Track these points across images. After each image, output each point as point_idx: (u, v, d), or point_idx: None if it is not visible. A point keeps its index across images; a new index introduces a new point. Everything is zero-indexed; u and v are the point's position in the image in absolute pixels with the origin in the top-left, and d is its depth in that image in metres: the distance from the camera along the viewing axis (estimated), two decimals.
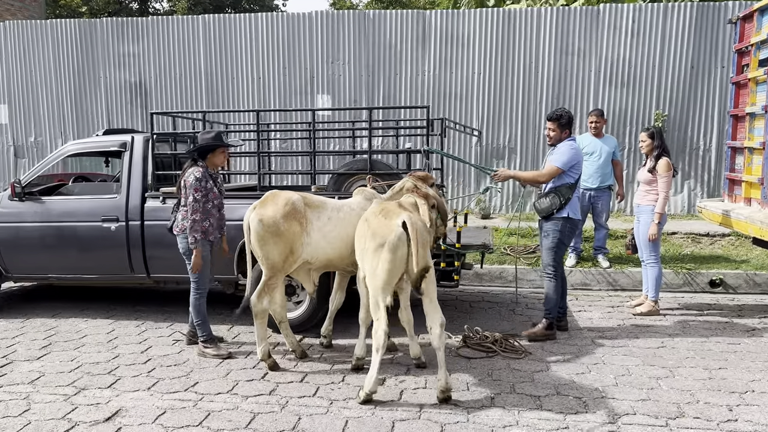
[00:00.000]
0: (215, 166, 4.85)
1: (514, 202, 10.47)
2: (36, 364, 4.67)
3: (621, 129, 10.06)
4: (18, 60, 11.31)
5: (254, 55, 10.76)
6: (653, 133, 5.91)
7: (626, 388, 4.13)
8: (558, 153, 5.07)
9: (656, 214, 5.78)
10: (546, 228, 5.17)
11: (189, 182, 4.60)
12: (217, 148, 4.73)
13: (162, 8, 30.44)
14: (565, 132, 5.16)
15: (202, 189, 4.62)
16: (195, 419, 3.69)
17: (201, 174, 4.64)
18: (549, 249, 5.16)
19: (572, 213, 5.13)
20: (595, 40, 9.98)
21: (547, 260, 5.20)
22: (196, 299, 4.82)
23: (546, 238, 5.17)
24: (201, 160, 4.73)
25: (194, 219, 4.59)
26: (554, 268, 5.18)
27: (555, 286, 5.19)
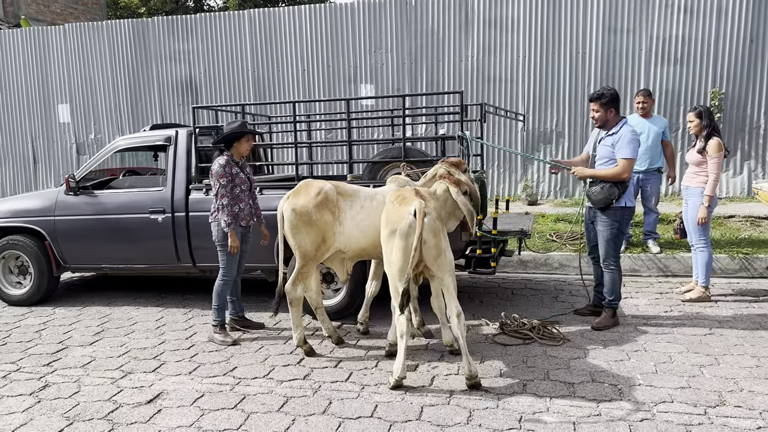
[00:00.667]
0: (241, 154, 4.98)
1: (562, 187, 10.24)
2: (88, 349, 4.93)
3: (674, 109, 9.67)
4: (78, 61, 11.87)
5: (299, 47, 10.90)
6: (701, 112, 5.66)
7: (666, 376, 4.01)
8: (624, 143, 4.79)
9: (706, 196, 5.55)
10: (603, 219, 4.95)
11: (214, 170, 4.80)
12: (242, 136, 4.87)
13: (216, 5, 31.18)
14: (611, 111, 4.92)
15: (227, 175, 4.78)
16: (230, 402, 3.82)
17: (225, 161, 4.81)
18: (609, 241, 4.95)
19: (629, 201, 4.97)
20: (646, 18, 9.60)
21: (608, 252, 4.98)
22: (219, 285, 4.98)
23: (604, 229, 4.95)
24: (227, 150, 4.89)
25: (222, 204, 4.77)
26: (615, 259, 5.00)
27: (618, 276, 5.03)
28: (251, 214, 5.04)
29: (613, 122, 4.95)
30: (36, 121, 12.17)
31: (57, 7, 20.54)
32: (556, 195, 10.27)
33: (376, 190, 4.66)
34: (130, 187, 6.31)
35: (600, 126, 5.03)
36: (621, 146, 4.81)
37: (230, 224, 4.79)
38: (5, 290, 6.35)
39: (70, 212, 6.10)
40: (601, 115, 4.95)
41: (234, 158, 4.94)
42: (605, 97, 4.91)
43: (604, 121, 4.96)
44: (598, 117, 4.96)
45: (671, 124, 9.60)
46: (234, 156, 4.94)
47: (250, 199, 5.03)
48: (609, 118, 4.94)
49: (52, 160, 12.19)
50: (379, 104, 10.20)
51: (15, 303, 6.32)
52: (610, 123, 4.96)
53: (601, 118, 4.95)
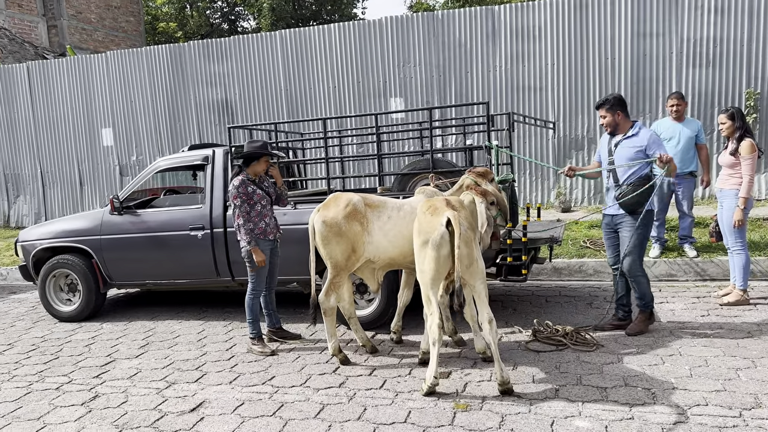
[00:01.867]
0: (256, 173, 5.16)
1: (596, 194, 10.17)
2: (135, 361, 5.15)
3: (707, 111, 9.53)
4: (120, 86, 12.37)
5: (329, 64, 11.14)
6: (733, 113, 5.60)
7: (701, 380, 3.99)
8: (656, 143, 4.77)
9: (741, 198, 5.48)
10: (630, 223, 4.86)
11: (230, 192, 5.01)
12: (260, 156, 5.08)
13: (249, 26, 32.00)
14: (618, 114, 4.90)
15: (241, 195, 4.97)
16: (269, 410, 3.96)
17: (239, 181, 5.00)
18: (636, 246, 4.88)
19: (654, 205, 4.98)
20: (676, 20, 9.51)
21: (634, 259, 4.91)
22: (250, 299, 5.15)
23: (633, 234, 4.84)
24: (245, 167, 5.10)
25: (239, 223, 4.96)
26: (641, 265, 4.95)
27: (646, 279, 4.98)
28: (277, 227, 5.22)
29: (624, 125, 4.93)
30: (82, 145, 12.71)
31: (99, 36, 21.42)
32: (589, 201, 10.20)
33: (404, 201, 4.77)
34: (170, 205, 6.57)
35: (611, 132, 5.00)
36: (657, 148, 4.77)
37: (249, 242, 4.96)
38: (56, 307, 6.67)
39: (115, 231, 6.38)
40: (609, 120, 4.93)
41: (249, 176, 5.12)
42: (609, 102, 4.91)
43: (614, 125, 4.94)
44: (607, 122, 4.95)
45: (705, 127, 9.42)
46: (249, 174, 5.13)
47: (272, 213, 5.20)
48: (618, 121, 4.92)
49: (97, 182, 12.69)
50: (408, 117, 10.33)
51: (65, 319, 6.63)
52: (621, 126, 4.94)
53: (610, 122, 4.94)
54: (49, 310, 6.69)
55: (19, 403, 4.36)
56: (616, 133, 4.99)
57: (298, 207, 5.77)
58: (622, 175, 4.93)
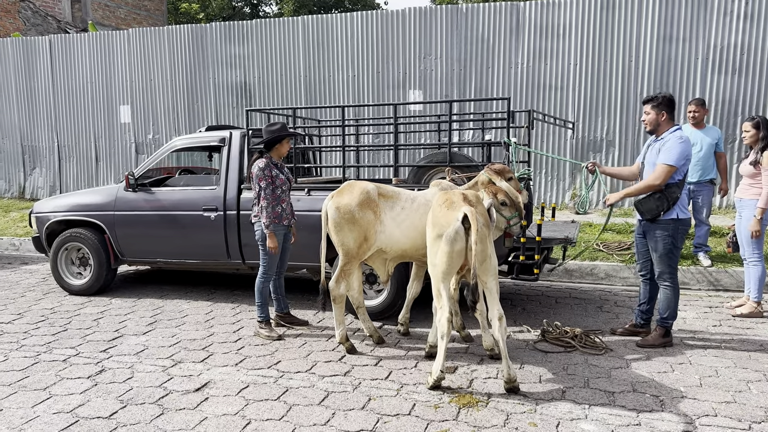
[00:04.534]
0: (281, 155, 5.16)
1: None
2: (142, 338, 5.17)
3: (731, 119, 9.39)
4: (139, 64, 12.38)
5: (350, 53, 11.09)
6: (759, 122, 5.49)
7: (711, 390, 3.94)
8: (666, 148, 4.58)
9: (759, 209, 5.39)
10: (654, 233, 4.71)
11: (254, 173, 4.98)
12: (282, 138, 5.04)
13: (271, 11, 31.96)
14: (662, 114, 4.67)
15: (266, 177, 4.95)
16: (274, 394, 3.96)
17: (264, 164, 4.98)
18: (661, 256, 4.69)
19: (681, 212, 4.66)
20: (703, 25, 9.36)
21: (662, 268, 4.72)
22: (261, 282, 5.15)
23: (656, 244, 4.70)
24: (266, 152, 5.09)
25: (262, 206, 4.95)
26: (670, 275, 4.72)
27: (673, 293, 4.75)
28: (292, 213, 5.21)
29: (664, 128, 4.71)
30: (99, 121, 12.76)
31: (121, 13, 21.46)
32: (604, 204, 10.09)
33: (417, 193, 4.73)
34: (185, 185, 6.57)
35: (651, 131, 4.79)
36: (664, 151, 4.58)
37: (269, 226, 4.95)
38: (67, 280, 6.71)
39: (128, 208, 6.39)
40: (651, 118, 4.72)
41: (273, 160, 5.10)
42: (658, 99, 4.69)
43: (655, 124, 4.72)
44: (649, 120, 4.74)
45: (727, 135, 9.33)
46: (273, 158, 5.11)
47: (290, 199, 5.19)
48: (660, 121, 4.69)
49: (112, 159, 12.74)
50: (426, 110, 10.28)
51: (75, 292, 6.66)
52: (661, 128, 4.72)
53: (652, 120, 4.72)
54: (60, 282, 6.73)
55: (26, 372, 4.39)
56: (655, 134, 4.79)
57: (312, 194, 5.75)
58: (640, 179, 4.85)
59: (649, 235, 4.79)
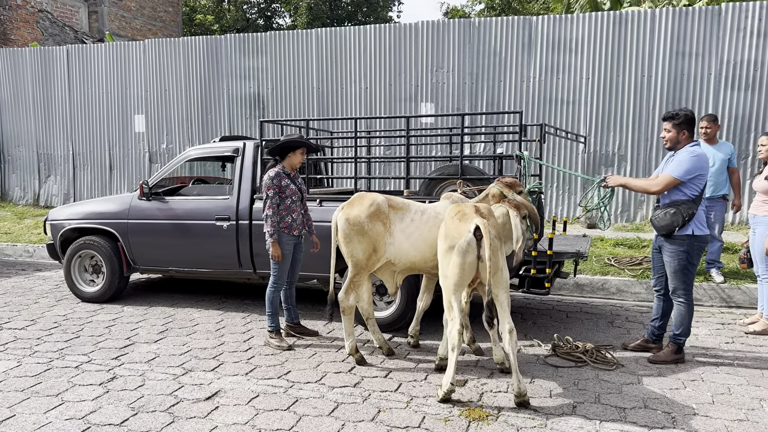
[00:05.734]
0: (293, 165, 5.19)
1: (623, 212, 10.04)
2: (153, 346, 5.20)
3: (743, 135, 9.36)
4: (154, 75, 12.55)
5: (362, 65, 11.18)
6: None
7: (723, 407, 3.90)
8: (676, 161, 4.58)
9: None
10: (669, 248, 4.66)
11: (264, 182, 5.03)
12: (297, 147, 5.09)
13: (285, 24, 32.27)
14: (683, 133, 4.63)
15: (275, 186, 4.99)
16: (284, 404, 3.96)
17: (275, 173, 5.03)
18: (676, 272, 4.65)
19: (698, 229, 4.58)
20: (716, 42, 9.37)
21: (676, 284, 4.68)
22: (271, 292, 5.17)
23: (671, 259, 4.65)
24: (281, 160, 5.11)
25: (267, 214, 4.98)
26: (685, 291, 4.66)
27: (687, 310, 4.71)
28: (303, 224, 5.23)
29: (683, 145, 4.66)
30: (114, 130, 12.91)
31: (137, 24, 21.77)
32: (616, 219, 10.07)
33: (427, 205, 4.74)
34: (198, 194, 6.63)
35: (670, 148, 4.74)
36: (672, 162, 4.58)
37: (273, 235, 4.98)
38: (80, 287, 6.76)
39: (142, 216, 6.45)
40: (672, 136, 4.67)
41: (285, 170, 5.14)
42: (679, 117, 4.63)
43: (675, 142, 4.67)
44: (669, 138, 4.69)
45: (740, 151, 9.29)
46: (286, 168, 5.14)
47: (302, 209, 5.22)
48: (681, 139, 4.65)
49: (126, 168, 12.88)
50: (438, 123, 10.32)
51: (88, 300, 6.72)
52: (680, 146, 4.66)
53: (672, 138, 4.67)
54: (73, 289, 6.79)
55: (38, 378, 4.43)
56: (674, 150, 4.74)
57: (323, 204, 5.78)
58: (662, 196, 4.76)
59: (664, 251, 4.76)
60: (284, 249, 5.10)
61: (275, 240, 5.01)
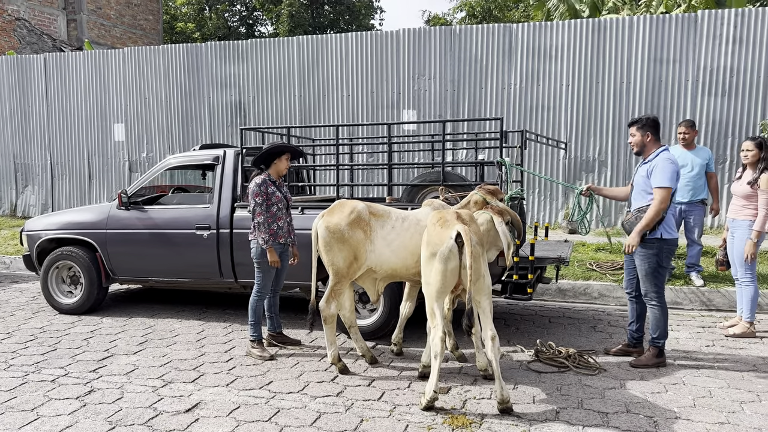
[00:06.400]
0: (279, 172, 5.14)
1: (604, 217, 10.12)
2: (132, 358, 5.12)
3: (721, 140, 9.49)
4: (134, 83, 12.43)
5: (344, 73, 11.17)
6: (761, 143, 5.49)
7: (704, 411, 3.92)
8: (659, 171, 4.63)
9: (755, 232, 5.39)
10: (639, 252, 4.73)
11: (250, 189, 4.98)
12: (281, 153, 5.05)
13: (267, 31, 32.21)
14: (647, 135, 4.77)
15: (262, 193, 4.94)
16: (265, 415, 3.91)
17: (261, 180, 4.98)
18: (647, 275, 4.72)
19: (667, 233, 4.67)
20: (693, 48, 9.51)
21: (647, 287, 4.75)
22: (255, 300, 5.12)
23: (642, 263, 4.73)
24: (266, 168, 5.07)
25: (258, 221, 4.93)
26: (657, 294, 4.74)
27: (661, 312, 4.77)
28: (289, 231, 5.19)
29: (650, 149, 4.80)
30: (93, 139, 12.76)
31: (117, 32, 21.59)
32: (597, 224, 10.14)
33: (408, 212, 4.73)
34: (178, 203, 6.55)
35: (637, 152, 4.88)
36: (656, 174, 4.63)
37: (268, 241, 4.94)
38: (57, 299, 6.64)
39: (121, 226, 6.36)
40: (637, 140, 4.81)
41: (271, 177, 5.10)
42: (642, 121, 4.80)
43: (641, 146, 4.81)
44: (635, 141, 4.84)
45: (717, 156, 9.42)
46: (272, 175, 5.11)
47: (287, 217, 5.18)
48: (646, 142, 4.79)
49: (106, 177, 12.72)
50: (420, 129, 10.34)
51: (66, 311, 6.60)
52: (647, 149, 4.81)
53: (638, 142, 4.82)
54: (50, 301, 6.67)
55: (14, 393, 4.33)
56: (642, 155, 4.87)
57: (305, 212, 5.75)
58: (633, 201, 4.87)
59: (635, 254, 4.82)
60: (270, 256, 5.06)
61: (271, 246, 4.97)
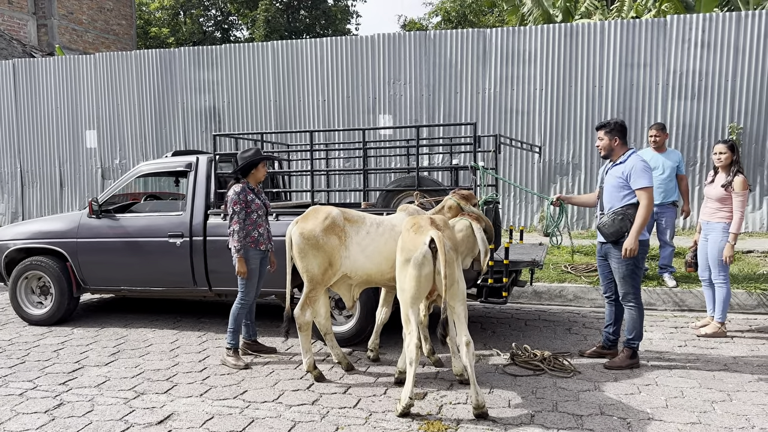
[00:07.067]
0: (258, 180, 5.13)
1: (578, 219, 10.23)
2: (104, 369, 5.02)
3: (691, 143, 9.66)
4: (106, 89, 12.24)
5: (320, 78, 11.14)
6: (733, 145, 5.57)
7: (676, 411, 3.97)
8: (637, 174, 4.66)
9: (732, 234, 5.44)
10: (615, 254, 4.77)
11: (229, 197, 4.95)
12: (259, 162, 5.02)
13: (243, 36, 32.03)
14: (615, 140, 4.82)
15: (241, 201, 4.91)
16: (239, 425, 3.86)
17: (240, 188, 4.95)
18: (624, 277, 4.77)
19: (642, 235, 4.71)
20: (663, 53, 9.67)
21: (625, 289, 4.80)
22: (237, 308, 5.07)
23: (618, 265, 4.77)
24: (243, 178, 5.05)
25: (234, 230, 4.89)
26: (634, 296, 4.79)
27: (638, 313, 4.82)
28: (269, 238, 5.15)
29: (618, 152, 4.85)
30: (64, 145, 12.53)
31: (89, 37, 21.27)
32: (572, 226, 10.24)
33: (383, 218, 4.73)
34: (150, 211, 6.46)
35: (605, 155, 4.93)
36: (636, 177, 4.68)
37: (239, 250, 4.90)
38: (26, 310, 6.50)
39: (92, 235, 6.25)
40: (605, 143, 4.86)
41: (250, 185, 5.06)
42: (609, 125, 4.85)
43: (609, 149, 4.86)
44: (603, 145, 4.88)
45: (688, 159, 9.58)
46: (250, 183, 5.07)
47: (267, 224, 5.14)
48: (614, 146, 4.84)
49: (77, 184, 12.51)
50: (396, 134, 10.35)
51: (35, 322, 6.46)
52: (615, 152, 4.85)
53: (606, 146, 4.86)
54: (19, 312, 6.52)
55: None
56: (610, 159, 4.93)
57: (280, 218, 5.70)
58: (607, 203, 4.90)
59: (611, 257, 4.87)
60: (251, 264, 5.02)
61: (241, 256, 4.92)
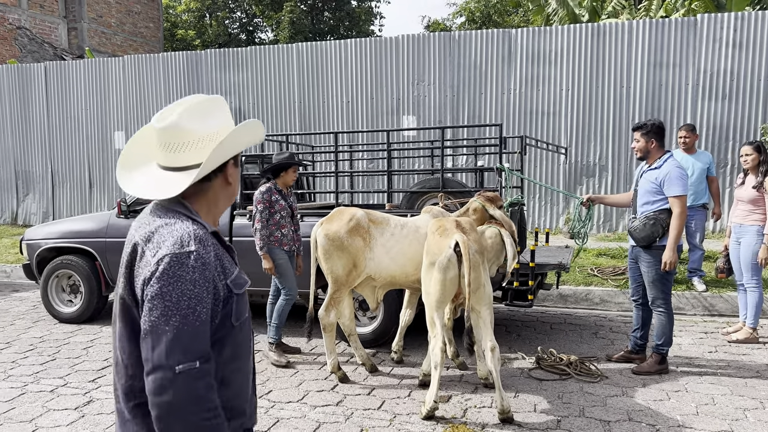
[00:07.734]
0: (286, 183, 5.17)
1: (605, 222, 10.09)
2: None
3: (722, 144, 9.47)
4: (134, 90, 12.45)
5: (344, 79, 11.18)
6: (760, 146, 5.46)
7: (707, 418, 3.89)
8: (674, 180, 4.57)
9: (766, 236, 5.34)
10: (646, 258, 4.70)
11: (255, 197, 5.03)
12: (289, 167, 5.06)
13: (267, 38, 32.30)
14: (652, 142, 4.73)
15: (264, 201, 4.98)
16: (264, 425, 3.88)
17: (266, 188, 5.03)
18: (654, 282, 4.69)
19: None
20: (693, 52, 9.50)
21: (655, 293, 4.72)
22: (282, 304, 5.13)
23: (649, 270, 4.70)
24: (273, 178, 5.11)
25: (256, 228, 4.96)
26: (664, 301, 4.71)
27: (668, 319, 4.73)
28: (293, 239, 5.19)
29: (655, 155, 4.76)
30: (93, 147, 12.77)
31: (118, 40, 21.65)
32: (599, 229, 10.11)
33: (408, 219, 4.72)
34: None
35: (641, 157, 4.84)
36: (670, 184, 4.58)
37: (262, 248, 4.95)
38: (57, 308, 6.63)
39: (120, 235, 6.34)
40: (641, 145, 4.77)
41: (277, 186, 5.11)
42: (646, 127, 4.75)
43: (645, 152, 4.77)
44: (639, 147, 4.79)
45: (719, 160, 9.40)
46: (278, 184, 5.12)
47: (292, 226, 5.18)
48: (650, 149, 4.75)
49: (106, 185, 12.73)
50: (420, 136, 10.33)
51: (65, 320, 6.58)
52: (651, 155, 4.76)
53: (642, 148, 4.77)
54: (50, 310, 6.66)
55: (12, 403, 4.31)
56: (646, 161, 4.84)
57: (305, 219, 5.73)
58: (639, 207, 4.80)
59: (641, 261, 4.79)
60: (279, 260, 5.06)
61: (266, 253, 4.97)
